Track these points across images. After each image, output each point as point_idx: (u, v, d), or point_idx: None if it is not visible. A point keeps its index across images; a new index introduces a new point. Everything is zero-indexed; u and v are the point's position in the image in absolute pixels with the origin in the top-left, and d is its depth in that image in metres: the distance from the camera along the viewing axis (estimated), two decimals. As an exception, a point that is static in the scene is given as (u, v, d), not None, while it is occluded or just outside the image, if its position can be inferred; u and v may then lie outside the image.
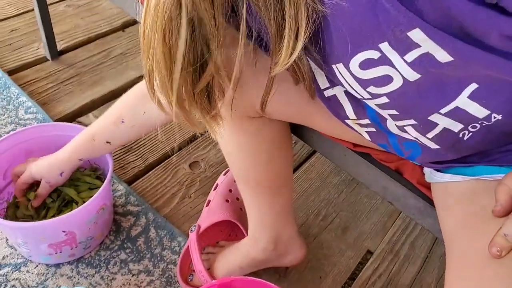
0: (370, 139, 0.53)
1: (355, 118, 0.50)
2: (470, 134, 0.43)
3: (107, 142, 0.74)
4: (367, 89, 0.42)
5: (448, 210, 0.49)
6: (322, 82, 0.49)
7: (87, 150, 0.76)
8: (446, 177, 0.51)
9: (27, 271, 0.79)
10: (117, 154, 1.02)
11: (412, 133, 0.46)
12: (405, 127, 0.46)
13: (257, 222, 0.73)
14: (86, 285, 0.78)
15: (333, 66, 0.42)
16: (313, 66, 0.46)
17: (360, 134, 0.53)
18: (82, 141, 0.76)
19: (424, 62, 0.36)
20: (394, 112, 0.44)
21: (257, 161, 0.63)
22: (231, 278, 0.65)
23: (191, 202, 0.95)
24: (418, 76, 0.38)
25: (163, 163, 1.02)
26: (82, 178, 0.84)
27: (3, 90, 1.10)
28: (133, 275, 0.80)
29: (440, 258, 0.93)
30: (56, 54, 1.24)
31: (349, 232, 0.95)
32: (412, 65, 0.37)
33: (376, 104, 0.44)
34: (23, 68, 1.19)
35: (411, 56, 0.36)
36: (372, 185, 0.61)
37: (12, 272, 0.78)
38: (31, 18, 1.35)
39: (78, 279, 0.79)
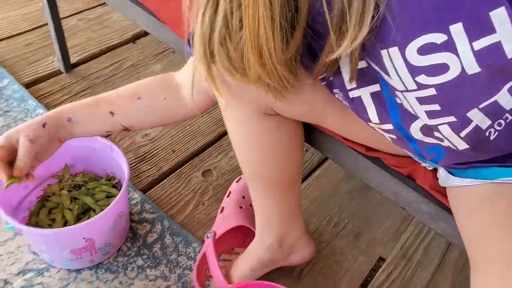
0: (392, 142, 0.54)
1: (378, 122, 0.50)
2: (496, 132, 0.43)
3: (110, 113, 0.66)
4: (416, 78, 0.40)
5: (473, 213, 0.49)
6: (349, 82, 0.47)
7: (82, 113, 0.66)
8: (466, 181, 0.51)
9: (50, 276, 0.80)
10: (132, 163, 1.04)
11: (445, 133, 0.45)
12: (439, 126, 0.44)
13: (264, 222, 0.74)
14: (104, 291, 0.79)
15: (383, 51, 0.40)
16: (344, 61, 0.45)
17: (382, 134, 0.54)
18: (82, 102, 0.67)
19: (490, 55, 0.35)
20: (435, 108, 0.42)
21: (272, 158, 0.64)
22: (246, 283, 0.67)
23: (205, 209, 0.96)
24: (478, 70, 0.37)
25: (176, 171, 1.04)
26: (99, 187, 0.86)
27: (21, 103, 1.13)
28: (150, 280, 0.82)
29: (453, 263, 0.94)
30: (69, 67, 1.27)
31: (361, 238, 0.96)
32: (477, 55, 0.36)
33: (417, 97, 0.42)
34: (39, 81, 1.23)
35: (480, 43, 0.35)
36: (384, 191, 0.62)
37: (36, 277, 0.80)
38: (44, 33, 1.39)
39: (98, 284, 0.80)
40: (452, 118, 0.43)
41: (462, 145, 0.46)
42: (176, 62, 1.35)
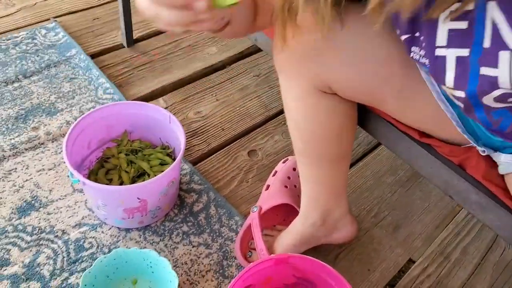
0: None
1: (452, 87, 0.50)
2: None
3: None
4: None
5: None
6: (442, 37, 0.47)
7: None
8: None
9: (102, 232, 0.87)
10: (183, 137, 1.09)
11: None
12: None
13: (310, 197, 0.77)
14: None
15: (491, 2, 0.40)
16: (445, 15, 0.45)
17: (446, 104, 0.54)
18: None
19: None
20: None
21: (325, 136, 0.67)
22: (287, 255, 0.70)
23: (248, 186, 1.00)
24: None
25: (224, 148, 1.08)
26: (155, 154, 0.92)
27: (86, 72, 1.21)
28: (193, 247, 0.87)
29: (493, 266, 0.93)
30: (131, 42, 1.34)
31: (400, 231, 0.97)
32: None
33: None
34: (103, 53, 1.30)
35: None
36: (434, 179, 0.63)
37: (90, 231, 0.87)
38: (111, 8, 1.47)
39: (145, 244, 0.86)
40: None
41: None
42: (230, 45, 1.39)
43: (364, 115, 0.71)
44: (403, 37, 0.52)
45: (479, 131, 0.61)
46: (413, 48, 0.52)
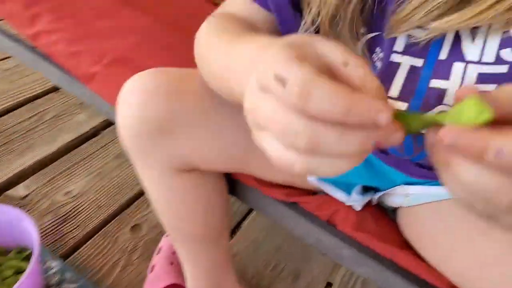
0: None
1: (396, 97, 0.46)
2: None
3: None
4: (500, 51, 0.39)
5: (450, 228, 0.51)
6: (400, 42, 0.44)
7: None
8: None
9: None
10: (51, 227, 0.95)
11: None
12: None
13: (192, 277, 0.71)
14: None
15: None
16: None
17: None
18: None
19: None
20: (488, 88, 0.40)
21: (193, 215, 0.62)
22: None
23: (135, 269, 0.90)
24: None
25: (102, 229, 0.97)
26: (7, 263, 0.77)
27: None
28: None
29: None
30: (-18, 124, 1.17)
31: (301, 279, 0.93)
32: None
33: (480, 73, 0.40)
34: None
35: None
36: (307, 238, 0.60)
37: None
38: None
39: None
40: None
41: None
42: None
43: (234, 183, 0.66)
44: (370, 36, 0.47)
45: (369, 172, 0.60)
46: (377, 49, 0.47)
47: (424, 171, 0.55)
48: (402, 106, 0.47)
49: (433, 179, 0.56)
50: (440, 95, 0.44)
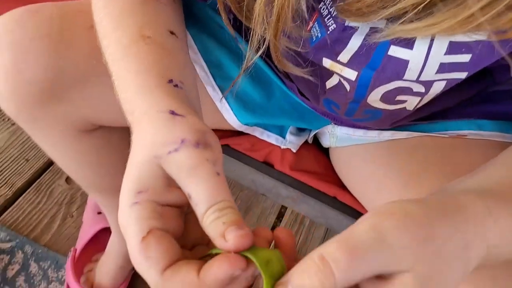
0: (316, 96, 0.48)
1: (345, 63, 0.40)
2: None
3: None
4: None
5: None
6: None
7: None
8: (385, 134, 0.52)
9: None
10: (-25, 186, 0.87)
11: (435, 89, 0.39)
12: (435, 82, 0.38)
13: (116, 218, 0.68)
14: None
15: None
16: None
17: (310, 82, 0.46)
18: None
19: None
20: (463, 59, 0.35)
21: (107, 173, 0.56)
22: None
23: (74, 221, 0.85)
24: None
25: (34, 184, 0.89)
26: None
27: None
28: (17, 323, 0.71)
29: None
30: None
31: (251, 211, 0.92)
32: None
33: (453, 41, 0.34)
34: None
35: None
36: (242, 180, 0.57)
37: None
38: None
39: None
40: (462, 75, 0.37)
41: (417, 104, 0.43)
42: None
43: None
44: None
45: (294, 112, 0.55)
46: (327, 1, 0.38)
47: (354, 124, 0.52)
48: (351, 74, 0.41)
49: (360, 127, 0.54)
50: (398, 68, 0.38)
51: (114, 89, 0.34)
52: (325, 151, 0.60)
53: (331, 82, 0.45)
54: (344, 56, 0.39)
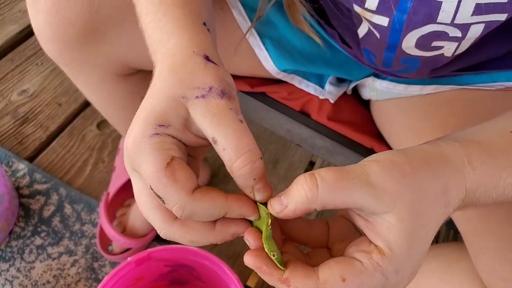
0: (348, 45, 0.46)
1: (374, 10, 0.38)
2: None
3: None
4: None
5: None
6: None
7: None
8: (428, 89, 0.49)
9: None
10: (11, 129, 0.89)
11: (472, 33, 0.37)
12: (472, 26, 0.36)
13: None
14: (1, 282, 0.71)
15: None
16: None
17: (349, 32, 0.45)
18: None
19: None
20: None
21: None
22: (147, 252, 0.61)
23: (106, 166, 0.87)
24: None
25: (67, 128, 0.91)
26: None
27: None
28: (53, 259, 0.75)
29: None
30: None
31: (279, 165, 0.92)
32: None
33: None
34: None
35: None
36: (277, 130, 0.55)
37: None
38: None
39: (-9, 278, 0.72)
40: (502, 17, 0.35)
41: (462, 48, 0.40)
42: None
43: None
44: None
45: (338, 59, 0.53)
46: None
47: (395, 76, 0.50)
48: (382, 20, 0.38)
49: (400, 82, 0.52)
50: (431, 9, 0.35)
51: (142, 16, 0.33)
52: (364, 103, 0.57)
53: (362, 31, 0.43)
54: (371, 2, 0.37)
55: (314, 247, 0.31)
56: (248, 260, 0.27)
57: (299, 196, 0.26)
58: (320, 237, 0.30)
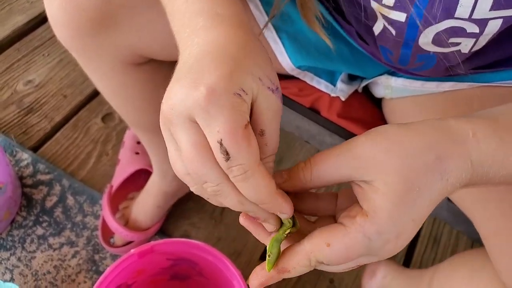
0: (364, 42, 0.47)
1: (391, 6, 0.38)
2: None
3: None
4: None
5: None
6: None
7: None
8: (445, 86, 0.49)
9: None
10: (16, 118, 0.89)
11: (490, 28, 0.37)
12: (490, 21, 0.36)
13: (160, 158, 0.69)
14: (1, 270, 0.71)
15: None
16: None
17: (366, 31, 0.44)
18: None
19: None
20: None
21: (151, 108, 0.56)
22: (151, 245, 0.61)
23: (110, 159, 0.86)
24: None
25: (71, 120, 0.91)
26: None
27: None
28: (54, 250, 0.74)
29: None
30: None
31: (284, 164, 0.92)
32: None
33: None
34: None
35: None
36: (286, 126, 0.55)
37: None
38: None
39: (-9, 266, 0.71)
40: None
41: (479, 46, 0.40)
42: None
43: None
44: None
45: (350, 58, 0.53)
46: None
47: (411, 73, 0.50)
48: (400, 16, 0.38)
49: (417, 78, 0.51)
50: (449, 3, 0.35)
51: None
52: (375, 101, 0.57)
53: (377, 28, 0.43)
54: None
55: (322, 216, 0.32)
56: (241, 221, 0.31)
57: (296, 176, 0.29)
58: (327, 207, 0.32)
